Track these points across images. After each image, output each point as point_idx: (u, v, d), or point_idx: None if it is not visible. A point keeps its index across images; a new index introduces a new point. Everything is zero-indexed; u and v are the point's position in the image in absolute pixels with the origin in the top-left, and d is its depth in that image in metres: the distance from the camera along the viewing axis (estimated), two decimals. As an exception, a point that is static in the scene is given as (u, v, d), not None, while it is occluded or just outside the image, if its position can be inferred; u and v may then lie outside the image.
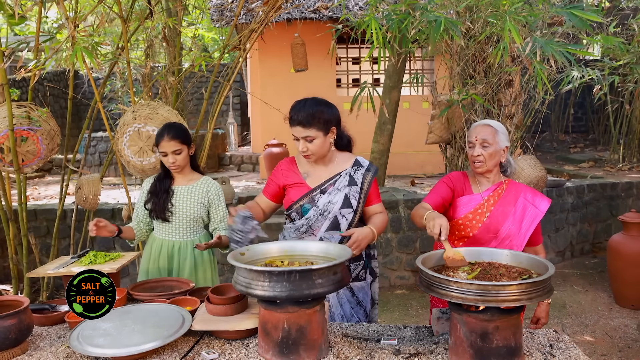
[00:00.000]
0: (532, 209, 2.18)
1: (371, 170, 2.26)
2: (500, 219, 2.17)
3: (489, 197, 2.20)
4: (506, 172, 2.27)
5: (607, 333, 3.94)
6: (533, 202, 2.18)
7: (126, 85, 6.36)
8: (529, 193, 2.22)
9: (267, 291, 1.55)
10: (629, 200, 6.21)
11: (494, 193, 2.21)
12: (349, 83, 8.84)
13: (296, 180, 2.25)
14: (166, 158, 2.45)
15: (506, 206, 2.18)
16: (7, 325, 1.65)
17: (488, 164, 2.17)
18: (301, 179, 2.25)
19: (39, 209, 5.03)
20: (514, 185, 2.25)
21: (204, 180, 2.59)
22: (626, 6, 7.27)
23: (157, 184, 2.54)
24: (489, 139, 2.14)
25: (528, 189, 2.26)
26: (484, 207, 2.19)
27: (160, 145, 2.44)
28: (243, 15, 6.84)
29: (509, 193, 2.21)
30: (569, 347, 1.71)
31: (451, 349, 1.61)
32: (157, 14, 4.06)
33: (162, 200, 2.49)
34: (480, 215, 2.19)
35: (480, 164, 2.17)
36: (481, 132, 2.17)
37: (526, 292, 1.45)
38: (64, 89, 10.82)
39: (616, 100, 8.17)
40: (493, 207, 2.19)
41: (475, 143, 2.17)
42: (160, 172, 2.58)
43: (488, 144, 2.15)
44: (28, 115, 3.25)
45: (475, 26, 3.64)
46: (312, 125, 2.15)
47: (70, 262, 2.34)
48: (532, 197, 2.20)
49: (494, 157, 2.16)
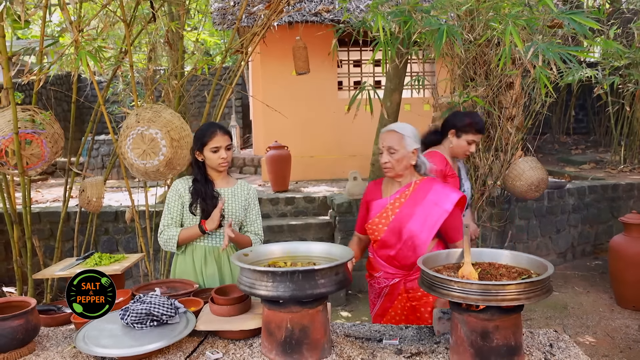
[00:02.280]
0: (436, 209, 2.21)
1: None
2: (403, 220, 2.23)
3: (395, 199, 2.28)
4: (420, 171, 2.30)
5: (609, 334, 3.95)
6: (437, 202, 2.21)
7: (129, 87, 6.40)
8: (436, 192, 2.25)
9: (270, 291, 1.57)
10: (630, 201, 6.22)
11: (401, 195, 2.28)
12: (351, 85, 8.87)
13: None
14: (216, 155, 2.36)
15: (412, 207, 2.24)
16: (14, 326, 1.68)
17: (397, 169, 2.25)
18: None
19: (42, 212, 5.06)
20: (425, 184, 2.28)
21: (241, 182, 2.54)
22: (626, 9, 7.29)
23: (200, 186, 2.41)
24: (394, 145, 2.23)
25: (439, 186, 2.28)
26: (389, 210, 2.28)
27: (214, 140, 2.35)
28: (245, 18, 6.87)
29: (417, 193, 2.26)
30: (569, 346, 1.72)
31: (452, 349, 1.63)
32: (159, 17, 4.09)
33: (213, 204, 2.37)
34: (385, 219, 2.28)
35: (388, 170, 2.26)
36: (386, 139, 2.25)
37: (525, 291, 1.47)
38: (67, 92, 10.87)
39: (617, 102, 8.18)
40: (398, 210, 2.26)
41: (382, 150, 2.26)
42: (196, 174, 2.44)
43: (394, 150, 2.23)
44: (32, 119, 3.28)
45: (477, 29, 3.66)
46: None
47: (76, 263, 2.37)
48: (437, 196, 2.23)
49: (401, 162, 2.24)
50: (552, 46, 2.76)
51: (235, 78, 3.62)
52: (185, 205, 2.43)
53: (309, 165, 8.06)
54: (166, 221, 2.44)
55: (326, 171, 8.08)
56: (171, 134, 2.92)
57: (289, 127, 7.44)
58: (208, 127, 2.40)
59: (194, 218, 2.41)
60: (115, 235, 5.09)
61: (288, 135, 7.54)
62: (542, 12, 3.36)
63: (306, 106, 8.19)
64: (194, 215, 2.40)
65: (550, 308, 4.49)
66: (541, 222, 5.59)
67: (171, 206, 2.45)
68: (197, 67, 3.82)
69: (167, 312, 1.78)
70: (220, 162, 2.38)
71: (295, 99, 8.05)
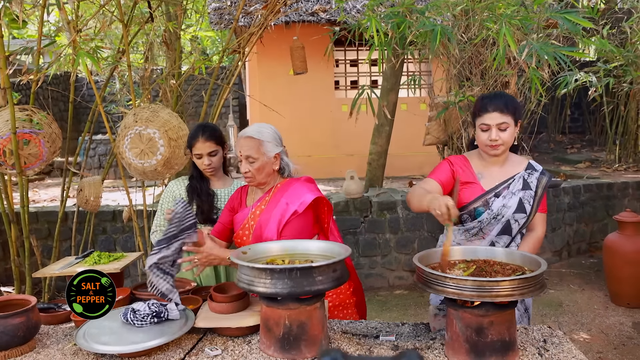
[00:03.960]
0: (287, 207, 2.05)
1: (545, 175, 2.14)
2: (263, 227, 2.07)
3: (256, 207, 2.13)
4: (284, 173, 2.18)
5: (603, 331, 3.99)
6: (288, 202, 2.06)
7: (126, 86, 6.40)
8: (291, 192, 2.09)
9: (269, 288, 1.60)
10: (625, 200, 6.27)
11: (261, 202, 2.13)
12: (347, 85, 8.90)
13: (470, 178, 2.10)
14: (200, 160, 2.35)
15: (270, 212, 2.08)
16: (15, 323, 1.69)
17: (258, 178, 2.08)
18: (475, 179, 2.10)
19: (40, 211, 5.06)
20: (286, 186, 2.13)
21: (237, 182, 2.53)
22: (619, 9, 7.34)
23: (196, 185, 2.42)
24: (252, 153, 2.04)
25: (296, 185, 2.12)
26: (250, 220, 2.13)
27: (195, 147, 2.34)
28: (242, 18, 6.89)
29: (276, 197, 2.11)
30: (562, 342, 1.75)
31: (447, 344, 1.65)
32: (157, 18, 4.11)
33: (208, 202, 2.38)
34: (248, 230, 2.12)
35: (249, 179, 2.10)
36: (244, 147, 2.06)
37: (519, 287, 1.50)
38: (63, 91, 10.86)
39: (612, 102, 8.24)
40: (260, 217, 2.10)
41: (241, 158, 2.07)
42: (193, 173, 2.46)
43: (253, 159, 2.05)
44: (30, 119, 3.29)
45: (472, 29, 3.69)
46: (509, 112, 1.99)
47: (75, 262, 2.38)
48: (291, 196, 2.07)
49: (262, 170, 2.07)
50: (546, 46, 2.79)
51: (233, 78, 3.64)
52: None
53: (306, 165, 8.00)
54: (159, 222, 2.47)
55: (323, 170, 8.11)
56: (169, 133, 2.94)
57: (286, 126, 7.42)
58: (194, 133, 2.39)
59: None
60: (113, 234, 5.10)
61: (285, 134, 7.46)
62: (537, 12, 3.39)
63: (303, 106, 8.21)
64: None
65: (545, 305, 4.52)
66: (537, 220, 5.62)
67: (164, 208, 2.47)
68: (195, 66, 3.84)
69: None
70: (204, 168, 2.38)
71: (292, 98, 8.08)
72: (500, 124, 1.99)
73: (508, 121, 1.99)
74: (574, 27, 2.69)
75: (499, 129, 1.99)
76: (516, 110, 2.02)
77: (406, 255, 5.23)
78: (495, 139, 2.00)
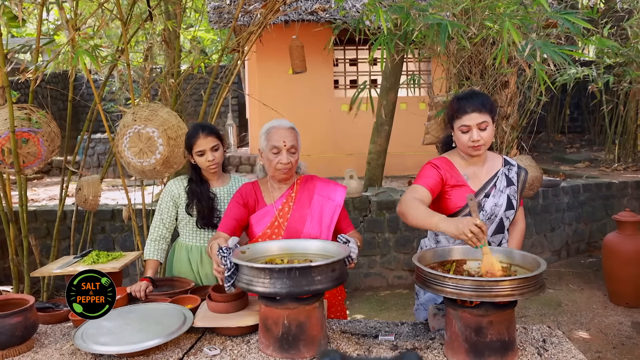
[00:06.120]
0: (329, 203, 2.07)
1: (523, 169, 2.14)
2: (298, 225, 2.04)
3: (283, 205, 2.08)
4: (300, 170, 2.16)
5: (602, 330, 3.99)
6: (328, 197, 2.07)
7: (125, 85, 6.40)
8: (322, 187, 2.11)
9: (267, 288, 1.59)
10: (624, 199, 6.28)
11: (287, 199, 2.08)
12: (347, 84, 8.89)
13: (459, 181, 2.05)
14: (203, 157, 2.32)
15: (302, 209, 2.06)
16: (13, 323, 1.69)
17: (293, 170, 2.04)
18: (463, 181, 2.05)
19: (39, 210, 5.05)
20: (305, 182, 2.12)
21: (235, 179, 2.50)
22: (620, 8, 7.33)
23: (196, 187, 2.39)
24: (296, 144, 1.99)
25: (320, 181, 2.13)
26: (279, 218, 2.07)
27: (197, 144, 2.31)
28: (241, 17, 6.88)
29: (302, 193, 2.09)
30: (562, 341, 1.75)
31: (447, 344, 1.65)
32: (156, 16, 4.10)
33: (209, 205, 2.36)
34: (279, 229, 2.07)
35: (286, 172, 2.02)
36: (288, 137, 2.00)
37: (519, 287, 1.50)
38: (62, 90, 10.84)
39: (611, 101, 8.24)
40: (290, 215, 2.06)
41: (280, 149, 1.97)
42: (191, 174, 2.43)
43: (295, 149, 2.00)
44: (29, 117, 3.28)
45: (472, 28, 3.69)
46: (486, 110, 1.96)
47: (74, 261, 2.38)
48: (326, 191, 2.09)
49: (297, 163, 2.05)
50: (547, 45, 2.79)
51: (232, 77, 3.63)
52: (179, 207, 2.43)
53: (306, 164, 8.08)
54: (156, 223, 2.45)
55: (322, 170, 8.10)
56: (168, 132, 2.94)
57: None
58: (192, 131, 2.37)
59: (190, 219, 2.41)
60: (111, 233, 5.09)
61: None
62: (537, 11, 3.39)
63: (302, 105, 8.21)
64: (191, 216, 2.41)
65: (544, 305, 4.52)
66: (536, 220, 5.63)
67: (163, 208, 2.44)
68: (194, 65, 3.83)
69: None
70: (208, 164, 2.34)
71: (291, 97, 8.07)
72: (480, 124, 1.96)
73: (487, 120, 1.96)
74: (574, 27, 2.69)
75: (479, 129, 1.96)
76: (492, 108, 2.00)
77: (405, 254, 5.23)
78: (477, 140, 1.96)
